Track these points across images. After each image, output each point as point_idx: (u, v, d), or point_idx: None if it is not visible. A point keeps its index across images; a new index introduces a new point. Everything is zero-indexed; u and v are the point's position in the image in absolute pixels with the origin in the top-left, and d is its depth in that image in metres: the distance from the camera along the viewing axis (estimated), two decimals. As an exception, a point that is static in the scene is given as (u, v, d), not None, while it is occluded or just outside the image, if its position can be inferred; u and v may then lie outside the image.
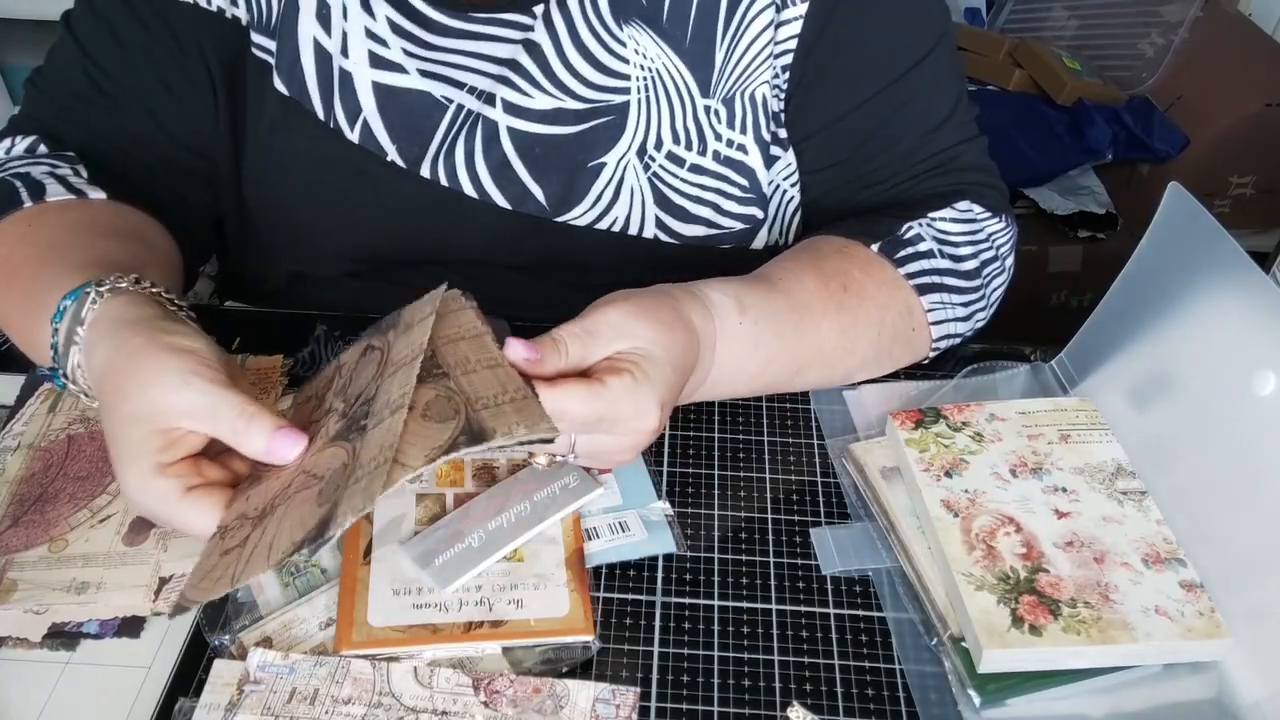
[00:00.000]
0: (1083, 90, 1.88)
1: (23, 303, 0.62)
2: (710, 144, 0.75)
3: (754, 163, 0.77)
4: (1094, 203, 1.85)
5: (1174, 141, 1.84)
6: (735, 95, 0.74)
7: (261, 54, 0.72)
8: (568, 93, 0.73)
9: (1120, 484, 0.61)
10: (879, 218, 0.74)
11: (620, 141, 0.74)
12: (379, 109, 0.72)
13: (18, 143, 0.73)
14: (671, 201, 0.76)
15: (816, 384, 0.70)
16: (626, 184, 0.75)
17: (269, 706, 0.50)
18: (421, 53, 0.72)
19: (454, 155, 0.73)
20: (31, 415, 0.67)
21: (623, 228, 0.77)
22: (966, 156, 0.78)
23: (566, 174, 0.75)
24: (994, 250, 0.77)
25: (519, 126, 0.73)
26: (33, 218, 0.67)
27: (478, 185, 0.74)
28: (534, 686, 0.52)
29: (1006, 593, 0.54)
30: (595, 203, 0.75)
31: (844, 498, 0.64)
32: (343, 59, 0.71)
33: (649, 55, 0.73)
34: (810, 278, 0.68)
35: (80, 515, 0.60)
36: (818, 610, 0.58)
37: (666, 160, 0.75)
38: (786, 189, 0.80)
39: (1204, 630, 0.53)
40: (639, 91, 0.73)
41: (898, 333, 0.71)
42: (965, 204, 0.76)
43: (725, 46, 0.73)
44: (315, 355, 0.73)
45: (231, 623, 0.55)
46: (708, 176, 0.76)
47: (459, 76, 0.72)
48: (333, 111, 0.72)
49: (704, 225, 0.78)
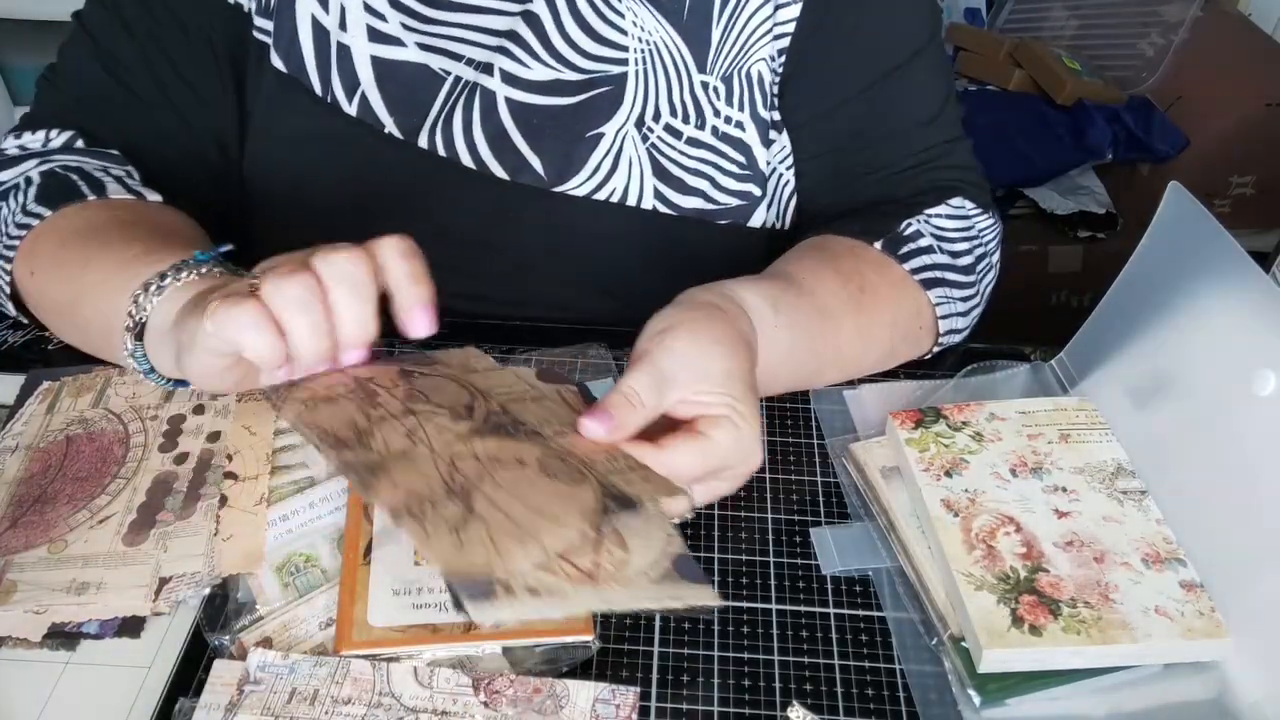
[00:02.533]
0: (1083, 90, 1.88)
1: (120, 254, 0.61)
2: (709, 119, 0.76)
3: (750, 140, 0.77)
4: (1094, 203, 1.85)
5: (1174, 141, 1.85)
6: (734, 73, 0.75)
7: (261, 35, 0.73)
8: (566, 64, 0.73)
9: (1120, 484, 0.61)
10: (877, 215, 0.75)
11: (619, 113, 0.75)
12: (377, 81, 0.73)
13: (54, 136, 0.73)
14: (669, 173, 0.77)
15: (828, 383, 0.71)
16: (625, 154, 0.76)
17: (269, 706, 0.50)
18: (420, 26, 0.72)
19: (451, 125, 0.74)
20: (30, 416, 0.67)
21: (621, 198, 0.77)
22: (955, 154, 0.79)
23: (565, 145, 0.75)
24: (985, 247, 0.78)
25: (517, 97, 0.73)
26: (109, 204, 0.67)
27: (475, 155, 0.75)
28: (534, 686, 0.52)
29: (1006, 593, 0.54)
30: (594, 173, 0.76)
31: (844, 498, 0.64)
32: (341, 33, 0.72)
33: (646, 28, 0.73)
34: (831, 279, 0.69)
35: (79, 516, 0.60)
36: (818, 610, 0.58)
37: (664, 132, 0.76)
38: (782, 172, 0.80)
39: (1204, 630, 0.53)
40: (637, 63, 0.74)
41: (908, 332, 0.72)
42: (959, 200, 0.77)
43: (722, 25, 0.74)
44: None
45: (231, 623, 0.55)
46: (705, 150, 0.77)
47: (457, 49, 0.73)
48: (330, 86, 0.73)
49: (700, 198, 0.78)
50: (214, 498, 0.60)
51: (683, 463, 0.52)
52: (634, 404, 0.52)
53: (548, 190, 0.76)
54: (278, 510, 0.60)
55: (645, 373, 0.53)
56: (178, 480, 0.62)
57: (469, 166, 0.75)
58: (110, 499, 0.61)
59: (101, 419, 0.66)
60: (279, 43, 0.72)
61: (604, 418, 0.51)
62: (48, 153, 0.72)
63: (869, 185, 0.78)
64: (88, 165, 0.70)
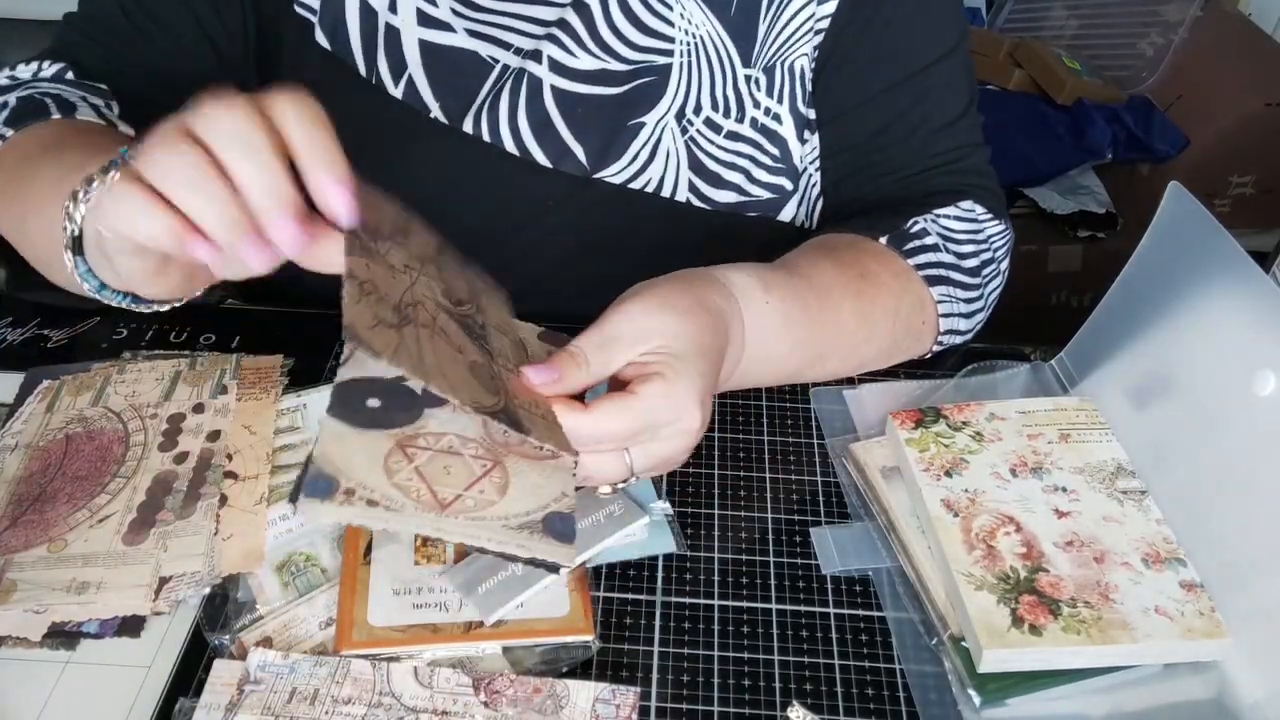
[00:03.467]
0: (1083, 90, 1.88)
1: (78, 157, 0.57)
2: (749, 111, 0.76)
3: (787, 133, 0.78)
4: (1094, 203, 1.85)
5: (1174, 141, 1.84)
6: (775, 64, 0.76)
7: (304, 11, 0.73)
8: (613, 55, 0.74)
9: (1120, 484, 0.61)
10: (884, 214, 0.75)
11: (660, 104, 0.75)
12: (424, 66, 0.73)
13: (45, 67, 0.73)
14: (705, 167, 0.77)
15: (834, 373, 0.71)
16: (663, 146, 0.76)
17: (269, 706, 0.50)
18: (470, 13, 0.73)
19: (497, 109, 0.74)
20: (30, 414, 0.66)
21: (656, 188, 0.77)
22: (972, 160, 0.80)
23: (607, 132, 0.75)
24: (992, 253, 0.78)
25: (563, 86, 0.74)
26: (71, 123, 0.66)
27: (518, 141, 0.75)
28: (534, 686, 0.52)
29: (1006, 592, 0.54)
30: (632, 161, 0.76)
31: (844, 498, 0.64)
32: (390, 14, 0.72)
33: (694, 21, 0.74)
34: (828, 265, 0.69)
35: (79, 515, 0.60)
36: (818, 610, 0.58)
37: (704, 126, 0.76)
38: (812, 172, 0.81)
39: (1204, 630, 0.53)
40: (682, 55, 0.74)
41: (910, 324, 0.71)
42: (969, 203, 0.77)
43: (768, 19, 0.74)
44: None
45: (231, 623, 0.54)
46: (743, 143, 0.77)
47: (506, 38, 0.73)
48: (375, 67, 0.73)
49: (734, 191, 0.78)
50: (214, 497, 0.60)
51: (609, 423, 0.51)
52: (578, 362, 0.53)
53: (587, 178, 0.76)
54: (278, 510, 0.60)
55: (593, 332, 0.54)
56: (178, 479, 0.62)
57: (511, 152, 0.75)
58: (110, 498, 0.61)
59: (101, 418, 0.66)
60: (324, 20, 0.72)
61: (546, 370, 0.53)
62: (35, 82, 0.71)
63: (884, 185, 0.78)
64: (66, 93, 0.70)
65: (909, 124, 0.77)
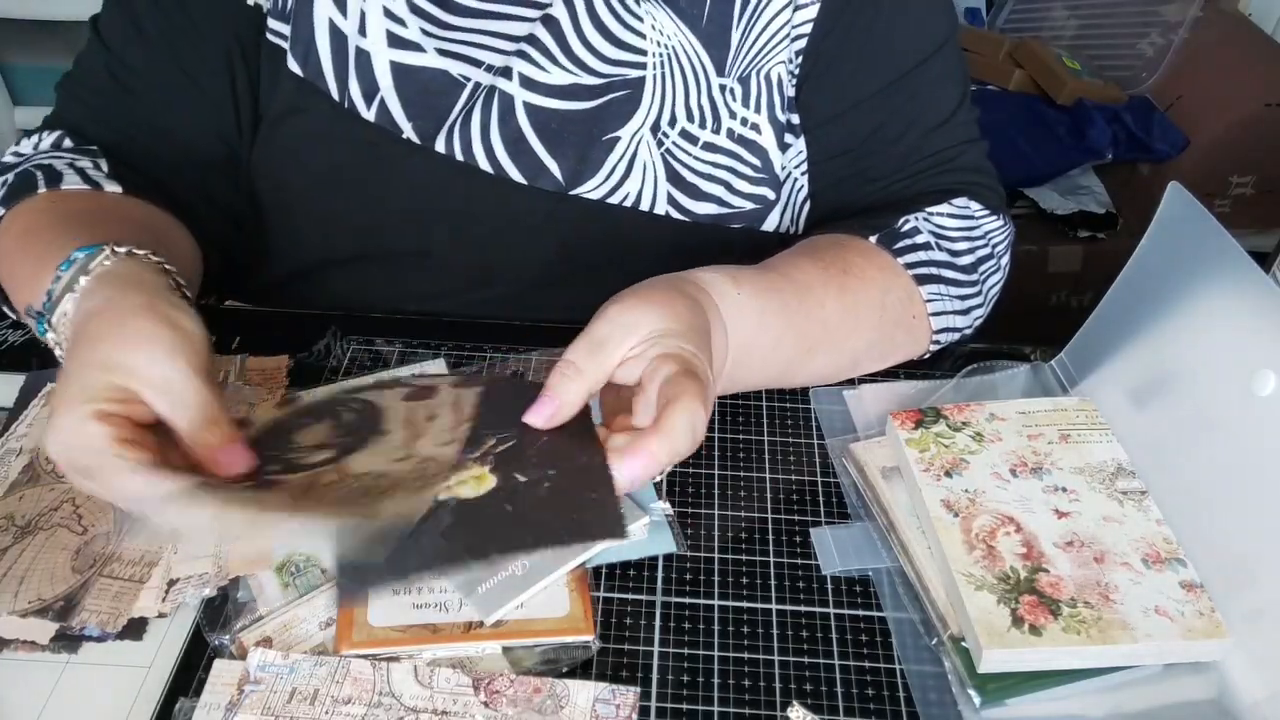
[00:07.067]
0: (1083, 90, 1.88)
1: (35, 264, 0.61)
2: (725, 122, 0.76)
3: (767, 142, 0.77)
4: (1094, 203, 1.85)
5: (1174, 141, 1.84)
6: (751, 74, 0.75)
7: (276, 39, 0.72)
8: (584, 68, 0.73)
9: (1120, 484, 0.61)
10: (875, 214, 0.75)
11: (634, 117, 0.75)
12: (396, 87, 0.73)
13: (44, 138, 0.73)
14: (683, 178, 0.77)
15: (826, 370, 0.70)
16: (639, 159, 0.76)
17: (269, 706, 0.50)
18: (439, 32, 0.72)
19: (469, 128, 0.74)
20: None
21: (634, 203, 0.77)
22: (967, 157, 0.79)
23: (581, 148, 0.75)
24: (990, 248, 0.77)
25: (535, 101, 0.74)
26: (52, 198, 0.67)
27: (493, 159, 0.75)
28: (534, 686, 0.52)
29: (1006, 593, 0.54)
30: (608, 176, 0.76)
31: (844, 498, 0.64)
32: (360, 38, 0.72)
33: (666, 32, 0.73)
34: (808, 262, 0.69)
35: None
36: (818, 610, 0.58)
37: (680, 138, 0.76)
38: (797, 176, 0.80)
39: (1204, 630, 0.53)
40: (655, 68, 0.74)
41: (899, 317, 0.71)
42: (963, 200, 0.77)
43: (742, 28, 0.74)
44: (329, 349, 0.73)
45: (231, 623, 0.55)
46: (721, 154, 0.77)
47: (477, 55, 0.73)
48: (347, 91, 0.73)
49: (715, 203, 0.78)
50: (215, 498, 0.60)
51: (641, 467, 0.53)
52: (569, 374, 0.55)
53: (564, 194, 0.76)
54: (278, 510, 0.60)
55: (580, 341, 0.56)
56: (178, 480, 0.61)
57: (486, 170, 0.75)
58: (111, 499, 0.61)
59: (102, 419, 0.66)
60: (295, 46, 0.72)
61: (543, 403, 0.55)
62: (35, 155, 0.72)
63: (876, 190, 0.78)
64: (56, 162, 0.70)
65: (898, 127, 0.77)
